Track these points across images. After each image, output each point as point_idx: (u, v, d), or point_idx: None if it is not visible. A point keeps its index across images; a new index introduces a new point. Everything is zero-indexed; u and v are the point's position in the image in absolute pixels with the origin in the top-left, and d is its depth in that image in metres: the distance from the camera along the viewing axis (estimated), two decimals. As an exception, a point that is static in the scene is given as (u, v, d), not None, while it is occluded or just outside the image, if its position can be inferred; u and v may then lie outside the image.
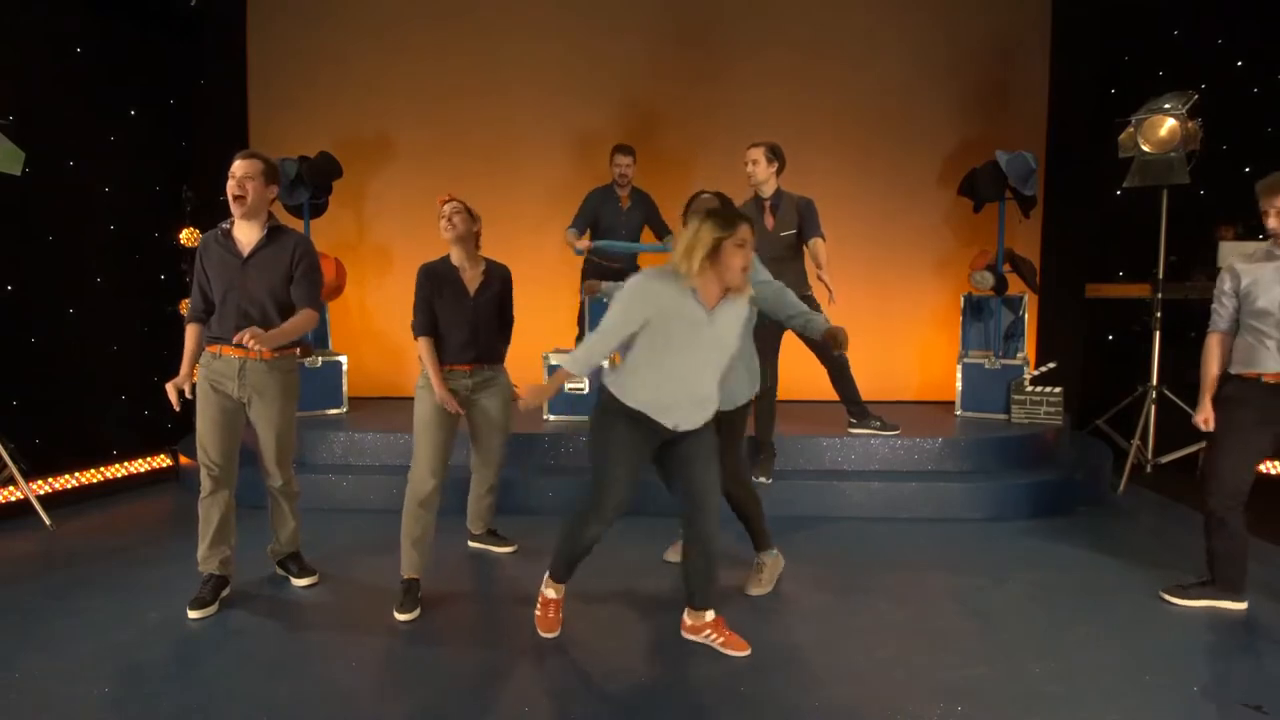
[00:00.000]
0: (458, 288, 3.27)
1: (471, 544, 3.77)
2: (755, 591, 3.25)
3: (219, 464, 3.03)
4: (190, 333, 3.07)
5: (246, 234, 3.03)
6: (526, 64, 6.06)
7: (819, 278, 4.21)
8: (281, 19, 6.06)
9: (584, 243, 4.96)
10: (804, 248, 4.25)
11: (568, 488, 4.33)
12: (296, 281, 3.04)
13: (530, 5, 6.04)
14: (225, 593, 3.11)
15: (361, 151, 6.02)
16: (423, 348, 3.24)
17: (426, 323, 3.25)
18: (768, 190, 4.17)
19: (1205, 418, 3.05)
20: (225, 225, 3.06)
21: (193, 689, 2.46)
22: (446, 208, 3.24)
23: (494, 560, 3.65)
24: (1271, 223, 2.89)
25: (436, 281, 3.26)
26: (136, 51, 5.12)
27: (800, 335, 3.29)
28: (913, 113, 5.99)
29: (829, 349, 4.37)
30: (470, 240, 3.29)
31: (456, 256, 3.30)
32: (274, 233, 3.04)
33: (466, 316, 3.26)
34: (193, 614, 2.96)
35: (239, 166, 2.97)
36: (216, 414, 3.01)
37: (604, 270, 5.00)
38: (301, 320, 3.02)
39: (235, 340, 2.80)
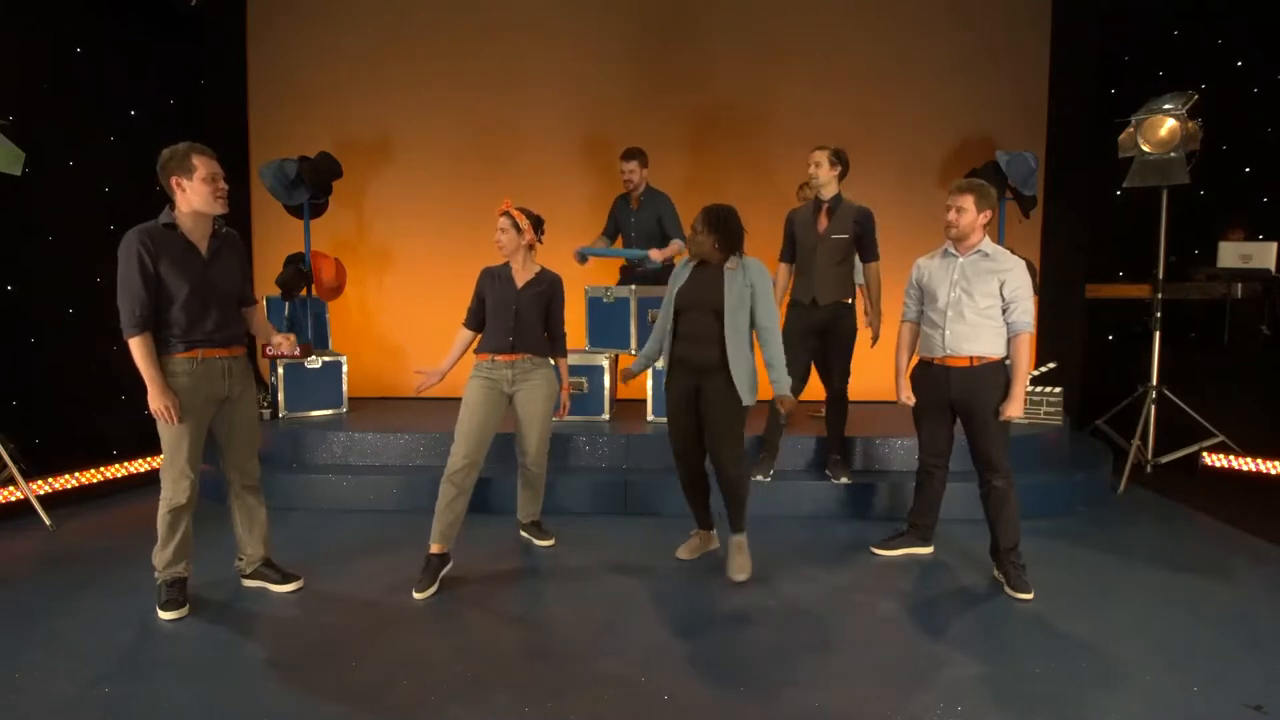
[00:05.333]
0: (506, 282, 3.51)
1: (521, 532, 3.89)
2: (742, 576, 3.35)
3: (196, 471, 2.98)
4: (144, 343, 2.78)
5: (199, 230, 2.89)
6: (529, 64, 6.07)
7: (864, 312, 4.22)
8: (281, 19, 6.08)
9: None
10: (855, 258, 4.18)
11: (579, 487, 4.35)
12: (246, 277, 3.18)
13: (532, 4, 6.05)
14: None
15: (361, 151, 6.03)
16: (459, 335, 3.58)
17: (470, 316, 3.56)
18: (828, 193, 4.16)
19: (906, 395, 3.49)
20: (166, 221, 2.84)
21: (192, 689, 2.45)
22: (498, 223, 3.46)
23: (533, 551, 3.75)
24: (950, 216, 3.32)
25: (490, 278, 3.54)
26: (136, 51, 5.12)
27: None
28: (913, 113, 6.00)
29: (830, 379, 4.30)
30: (520, 252, 3.50)
31: (511, 261, 3.55)
32: (225, 230, 3.01)
33: (510, 306, 3.45)
34: (169, 615, 2.93)
35: (216, 166, 2.86)
36: (197, 424, 2.95)
37: (640, 276, 5.07)
38: (264, 315, 3.29)
39: (272, 353, 3.00)
